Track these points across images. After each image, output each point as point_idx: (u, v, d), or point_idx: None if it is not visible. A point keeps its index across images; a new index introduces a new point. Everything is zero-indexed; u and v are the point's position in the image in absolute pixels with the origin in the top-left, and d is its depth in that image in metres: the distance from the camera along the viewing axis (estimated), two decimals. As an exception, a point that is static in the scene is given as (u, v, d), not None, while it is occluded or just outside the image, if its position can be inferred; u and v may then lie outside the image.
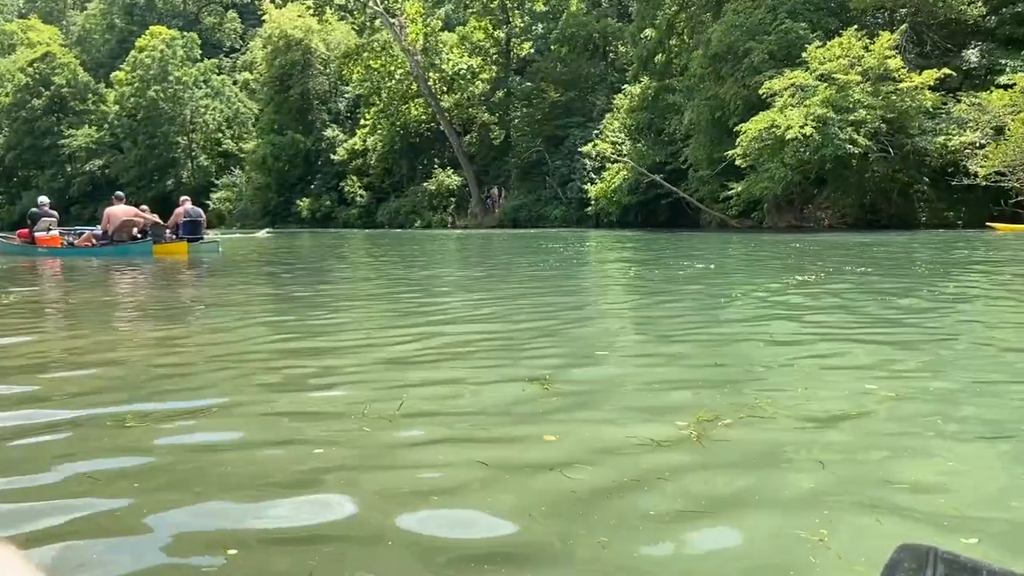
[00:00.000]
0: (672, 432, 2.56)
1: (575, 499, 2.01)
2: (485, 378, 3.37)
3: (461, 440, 2.53)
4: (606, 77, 44.13)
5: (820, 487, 2.08)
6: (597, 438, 2.54)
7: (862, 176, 24.05)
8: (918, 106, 22.55)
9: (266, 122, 57.58)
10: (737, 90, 26.23)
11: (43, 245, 16.31)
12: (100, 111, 68.31)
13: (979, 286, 7.51)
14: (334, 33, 54.12)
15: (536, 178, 43.46)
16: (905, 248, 14.54)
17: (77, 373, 3.72)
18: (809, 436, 2.53)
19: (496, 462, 2.30)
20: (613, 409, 2.89)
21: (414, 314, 5.71)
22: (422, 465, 2.31)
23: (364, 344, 4.43)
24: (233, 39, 76.85)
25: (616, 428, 2.62)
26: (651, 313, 5.91)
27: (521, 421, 2.74)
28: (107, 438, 2.57)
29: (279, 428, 2.69)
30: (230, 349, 4.35)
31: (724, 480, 2.16)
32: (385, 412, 2.82)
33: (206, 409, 2.88)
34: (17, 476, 2.19)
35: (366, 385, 3.31)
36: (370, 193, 51.41)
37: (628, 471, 2.21)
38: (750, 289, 7.40)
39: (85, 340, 4.85)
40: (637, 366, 3.69)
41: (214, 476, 2.21)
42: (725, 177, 27.69)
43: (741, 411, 2.76)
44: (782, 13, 26.10)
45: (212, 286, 9.24)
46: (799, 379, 3.33)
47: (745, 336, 4.53)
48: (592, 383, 3.32)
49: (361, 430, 2.61)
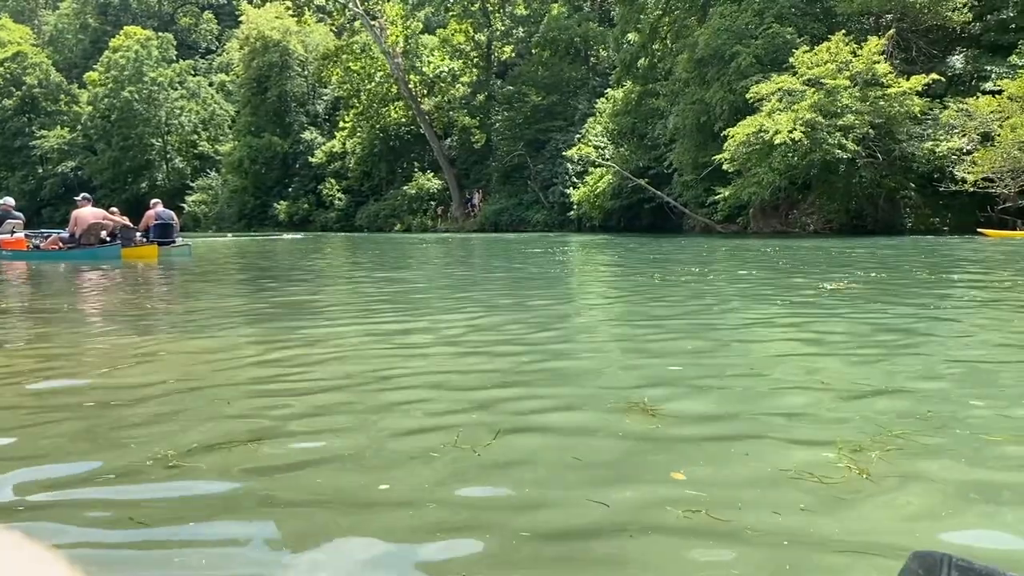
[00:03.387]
0: (823, 463, 2.16)
1: (740, 557, 1.62)
2: (577, 404, 2.89)
3: (572, 476, 2.10)
4: (588, 81, 43.99)
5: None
6: (736, 474, 2.12)
7: (849, 181, 23.98)
8: (906, 111, 22.50)
9: (243, 124, 56.94)
10: (723, 94, 26.09)
11: (7, 248, 15.68)
12: (73, 112, 67.22)
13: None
14: (312, 35, 53.63)
15: (517, 182, 43.20)
16: (927, 252, 14.20)
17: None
18: (986, 470, 2.15)
19: (620, 504, 1.90)
20: (738, 438, 2.45)
21: (469, 330, 5.11)
22: (530, 505, 1.90)
23: (431, 363, 3.93)
24: (209, 40, 76.02)
25: (752, 461, 2.20)
26: (733, 322, 5.39)
27: (634, 454, 2.31)
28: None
29: (369, 461, 2.28)
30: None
31: (926, 526, 1.78)
32: (478, 441, 2.42)
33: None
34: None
35: (446, 412, 2.82)
36: (349, 196, 50.94)
37: (793, 514, 1.83)
38: (815, 296, 6.98)
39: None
40: (746, 387, 3.18)
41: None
42: (710, 182, 27.57)
43: (888, 440, 2.36)
44: (769, 17, 26.02)
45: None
46: (940, 402, 2.91)
47: (864, 350, 4.11)
48: (699, 407, 2.85)
49: (455, 464, 2.21)
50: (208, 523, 1.87)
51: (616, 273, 10.88)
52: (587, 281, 9.76)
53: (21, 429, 2.67)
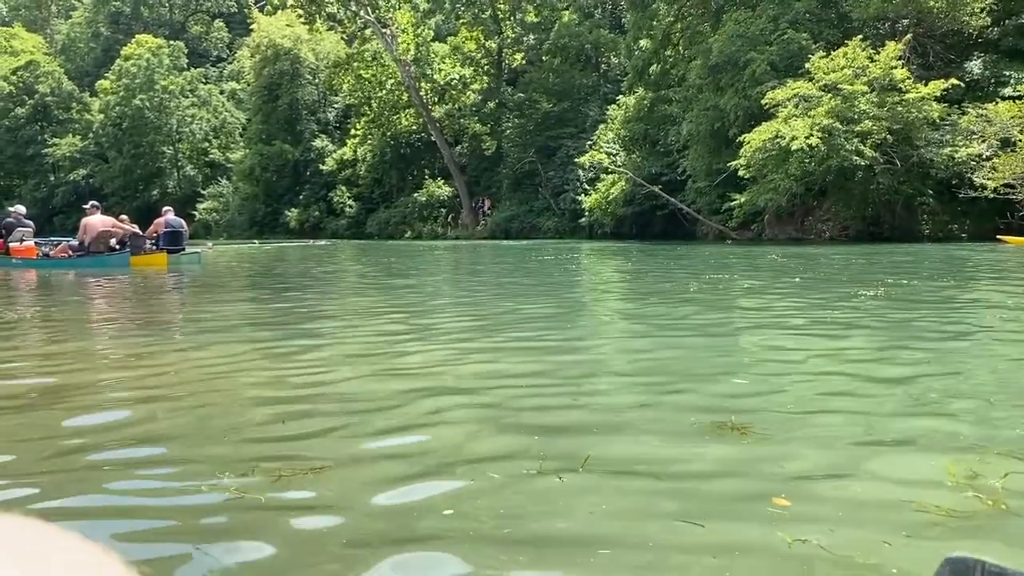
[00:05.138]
0: (944, 490, 1.95)
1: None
2: (659, 425, 2.67)
3: (668, 504, 1.92)
4: (599, 88, 43.89)
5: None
6: (847, 501, 1.91)
7: (866, 187, 23.74)
8: (924, 117, 22.25)
9: (254, 132, 57.00)
10: (737, 100, 25.90)
11: (17, 256, 15.60)
12: (85, 120, 67.42)
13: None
14: (323, 43, 53.67)
15: (528, 189, 43.08)
16: (971, 260, 13.93)
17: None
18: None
19: (721, 543, 1.72)
20: (841, 460, 2.23)
21: (522, 351, 4.81)
22: (629, 543, 1.73)
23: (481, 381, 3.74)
24: (220, 48, 76.22)
25: (863, 486, 2.00)
26: (821, 331, 5.15)
27: (728, 474, 2.11)
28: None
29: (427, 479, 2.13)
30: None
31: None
32: (569, 464, 2.22)
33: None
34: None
35: (523, 434, 2.60)
36: (359, 204, 50.86)
37: (915, 549, 1.63)
38: (866, 303, 6.76)
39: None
40: (839, 404, 2.96)
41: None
42: (724, 188, 27.36)
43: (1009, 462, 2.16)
44: (783, 23, 25.84)
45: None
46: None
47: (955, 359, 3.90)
48: (790, 425, 2.62)
49: (546, 490, 2.04)
50: (268, 540, 1.72)
51: (650, 282, 10.48)
52: (624, 291, 9.50)
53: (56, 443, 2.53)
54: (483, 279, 11.72)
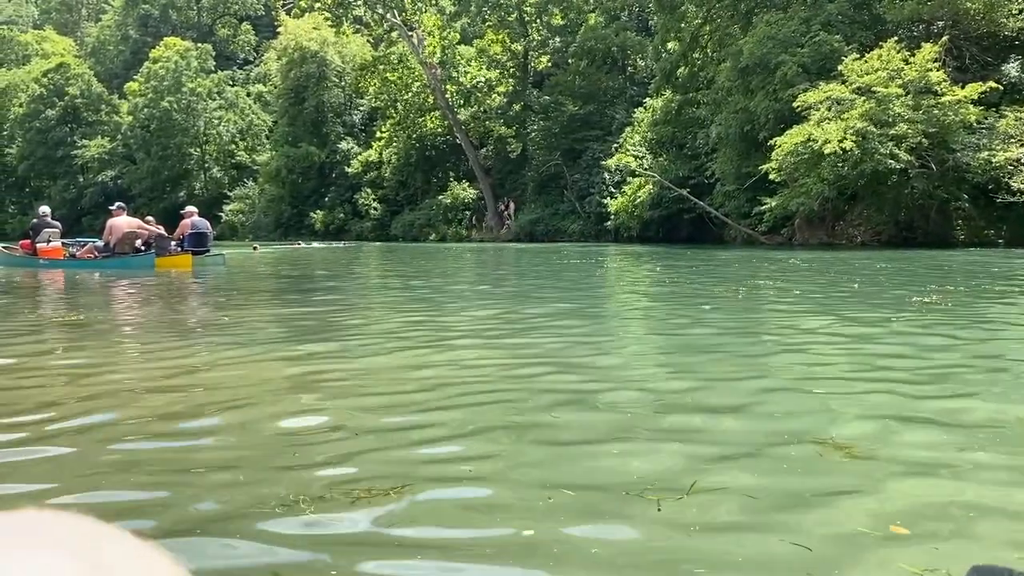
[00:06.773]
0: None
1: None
2: (758, 446, 2.48)
3: (780, 534, 1.79)
4: (625, 90, 43.69)
5: None
6: (970, 533, 1.77)
7: (899, 192, 23.38)
8: (960, 120, 21.88)
9: (280, 134, 57.36)
10: (768, 103, 25.63)
11: (44, 257, 15.68)
12: (113, 122, 68.18)
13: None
14: (349, 46, 53.90)
15: (553, 191, 42.96)
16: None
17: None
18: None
19: (838, 560, 1.60)
20: (962, 482, 2.08)
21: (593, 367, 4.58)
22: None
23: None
24: (247, 51, 76.77)
25: (989, 519, 1.84)
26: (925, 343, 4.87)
27: (837, 494, 1.98)
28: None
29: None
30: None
31: None
32: (673, 487, 2.09)
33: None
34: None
35: (621, 456, 2.43)
36: (384, 206, 50.99)
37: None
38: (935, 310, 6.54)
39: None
40: (949, 420, 2.79)
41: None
42: (753, 192, 27.09)
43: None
44: (816, 25, 25.55)
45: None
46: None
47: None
48: (897, 445, 2.44)
49: (644, 515, 1.92)
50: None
51: (696, 289, 10.02)
52: (671, 299, 9.08)
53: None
54: (553, 291, 11.59)
